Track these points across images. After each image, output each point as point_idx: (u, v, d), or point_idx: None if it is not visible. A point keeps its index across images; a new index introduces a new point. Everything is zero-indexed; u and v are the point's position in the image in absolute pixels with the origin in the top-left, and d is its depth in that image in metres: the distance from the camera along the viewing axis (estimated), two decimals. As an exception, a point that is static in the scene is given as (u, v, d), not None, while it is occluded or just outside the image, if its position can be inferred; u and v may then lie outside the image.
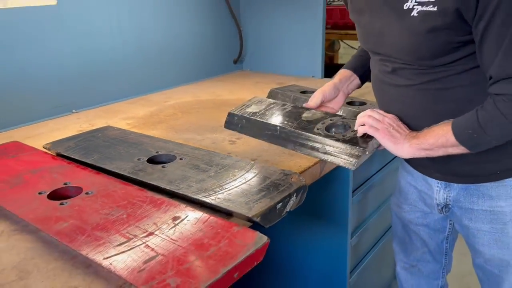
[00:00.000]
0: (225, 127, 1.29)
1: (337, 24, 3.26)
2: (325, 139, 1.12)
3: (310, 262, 1.62)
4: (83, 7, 1.64)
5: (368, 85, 1.32)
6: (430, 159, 1.05)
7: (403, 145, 1.02)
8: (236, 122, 1.27)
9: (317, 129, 1.14)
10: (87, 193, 0.93)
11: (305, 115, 1.23)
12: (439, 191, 1.17)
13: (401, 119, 1.08)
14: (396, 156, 1.12)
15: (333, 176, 1.38)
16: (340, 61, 4.55)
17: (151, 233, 0.78)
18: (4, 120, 1.48)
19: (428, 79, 1.01)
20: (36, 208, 0.87)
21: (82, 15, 1.65)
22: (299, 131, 1.15)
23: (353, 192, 1.47)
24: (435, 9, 0.91)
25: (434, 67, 0.99)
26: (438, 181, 1.16)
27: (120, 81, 1.85)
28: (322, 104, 1.27)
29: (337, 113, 1.32)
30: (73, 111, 1.69)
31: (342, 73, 1.32)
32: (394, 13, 0.99)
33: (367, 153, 1.07)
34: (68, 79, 1.65)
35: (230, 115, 1.29)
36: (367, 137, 1.11)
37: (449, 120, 0.98)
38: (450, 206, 1.17)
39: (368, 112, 1.08)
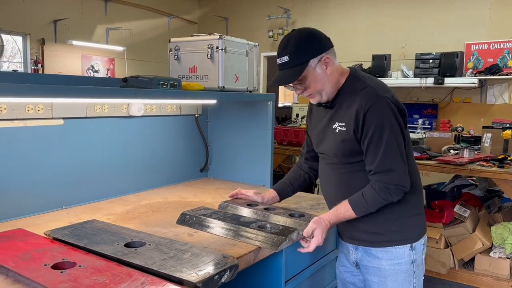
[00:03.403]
0: (177, 223, 1.71)
1: (292, 141, 3.87)
2: (259, 231, 1.57)
3: None
4: (82, 127, 2.12)
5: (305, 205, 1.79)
6: (345, 230, 1.76)
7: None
8: (187, 220, 1.70)
9: (252, 226, 1.58)
10: (80, 266, 1.30)
11: (242, 219, 1.69)
12: (352, 253, 1.78)
13: (330, 190, 1.77)
14: (331, 251, 1.94)
15: (267, 266, 1.77)
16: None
17: (125, 292, 1.15)
18: (10, 212, 1.85)
19: (342, 170, 1.70)
20: (44, 274, 1.23)
21: (81, 133, 2.12)
22: (239, 226, 1.59)
23: (286, 281, 1.83)
24: (344, 129, 1.61)
25: (345, 163, 1.67)
26: (351, 245, 1.77)
27: (103, 184, 2.26)
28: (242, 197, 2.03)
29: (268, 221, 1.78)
30: (63, 207, 2.06)
31: (270, 192, 2.02)
32: (329, 131, 1.70)
33: (287, 241, 1.51)
34: (61, 181, 2.06)
35: (183, 214, 1.72)
36: (288, 232, 1.56)
37: (345, 201, 1.63)
38: (358, 263, 1.76)
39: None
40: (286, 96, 11.60)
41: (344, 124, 1.62)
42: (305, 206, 2.18)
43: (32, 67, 6.18)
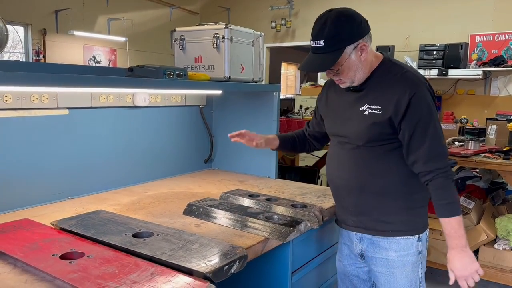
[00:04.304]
0: (183, 213, 1.70)
1: (295, 133, 3.83)
2: (266, 222, 1.56)
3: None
4: (88, 117, 2.10)
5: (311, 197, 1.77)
6: (349, 217, 1.72)
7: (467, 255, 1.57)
8: (194, 210, 1.69)
9: (259, 217, 1.57)
10: (88, 256, 1.29)
11: (249, 210, 1.68)
12: (356, 243, 1.75)
13: (343, 174, 1.69)
14: (334, 244, 1.92)
15: (274, 257, 1.76)
16: (300, 164, 5.10)
17: (135, 282, 1.14)
18: (15, 202, 1.84)
19: (361, 154, 1.64)
20: (52, 264, 1.23)
21: (87, 123, 2.10)
22: (246, 217, 1.57)
23: (292, 272, 1.83)
24: (379, 112, 1.56)
25: (366, 147, 1.63)
26: (355, 233, 1.73)
27: (108, 174, 2.25)
28: (245, 136, 1.93)
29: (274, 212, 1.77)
30: (69, 197, 2.05)
31: (274, 137, 1.99)
32: (354, 113, 1.64)
33: (295, 232, 1.50)
34: (66, 172, 2.05)
35: (189, 205, 1.71)
36: (295, 223, 1.55)
37: (441, 220, 1.56)
38: (364, 254, 1.74)
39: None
40: (288, 88, 11.56)
41: (379, 107, 1.57)
42: (311, 197, 2.17)
43: (34, 58, 6.15)
